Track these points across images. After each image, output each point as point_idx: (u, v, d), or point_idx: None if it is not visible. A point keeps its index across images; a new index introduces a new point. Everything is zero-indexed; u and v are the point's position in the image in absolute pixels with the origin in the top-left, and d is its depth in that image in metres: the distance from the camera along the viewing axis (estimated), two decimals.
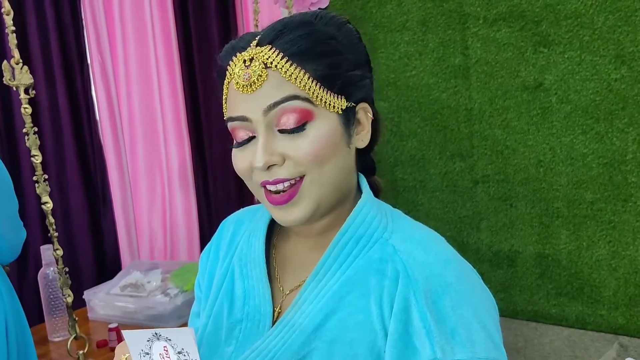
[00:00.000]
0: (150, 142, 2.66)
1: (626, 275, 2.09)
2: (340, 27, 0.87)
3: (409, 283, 0.80)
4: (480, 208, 2.34)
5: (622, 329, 2.12)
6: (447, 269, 0.82)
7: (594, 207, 2.11)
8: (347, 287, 0.85)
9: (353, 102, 0.87)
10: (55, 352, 1.97)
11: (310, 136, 0.81)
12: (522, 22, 2.15)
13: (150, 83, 2.63)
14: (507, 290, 2.33)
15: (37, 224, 2.30)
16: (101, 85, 2.47)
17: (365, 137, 0.91)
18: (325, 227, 0.90)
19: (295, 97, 0.81)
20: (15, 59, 1.78)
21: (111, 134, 2.50)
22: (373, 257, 0.86)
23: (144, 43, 2.60)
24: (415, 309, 0.79)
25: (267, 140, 0.82)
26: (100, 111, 2.49)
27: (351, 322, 0.83)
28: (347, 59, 0.85)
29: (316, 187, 0.83)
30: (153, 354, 0.75)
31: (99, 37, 2.45)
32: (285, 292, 0.92)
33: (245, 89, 0.81)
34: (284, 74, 0.80)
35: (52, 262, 1.96)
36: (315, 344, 0.83)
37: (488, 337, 0.79)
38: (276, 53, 0.81)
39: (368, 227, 0.88)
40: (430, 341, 0.76)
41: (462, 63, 2.29)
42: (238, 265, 0.97)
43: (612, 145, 2.05)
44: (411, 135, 2.45)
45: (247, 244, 0.97)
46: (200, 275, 1.07)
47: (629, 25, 1.97)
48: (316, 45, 0.82)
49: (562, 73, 2.10)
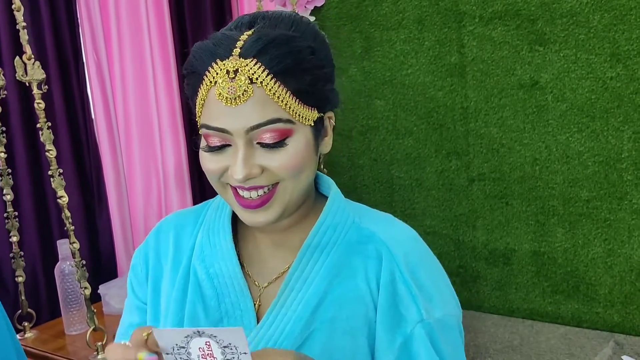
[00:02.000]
0: (146, 141, 2.66)
1: (622, 273, 2.09)
2: (316, 37, 0.89)
3: (392, 259, 0.91)
4: (476, 206, 2.35)
5: (617, 327, 2.12)
6: (417, 244, 0.96)
7: (589, 205, 2.12)
8: (333, 270, 0.92)
9: (323, 112, 0.90)
10: (71, 345, 1.99)
11: (289, 150, 0.84)
12: (517, 20, 2.15)
13: (145, 81, 2.63)
14: (502, 288, 2.34)
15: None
16: (96, 84, 2.46)
17: (328, 143, 0.94)
18: (289, 224, 0.95)
19: (278, 120, 0.82)
20: (27, 55, 1.78)
21: (107, 132, 2.50)
22: (351, 241, 0.94)
23: (139, 41, 2.59)
24: (400, 280, 0.90)
25: (247, 154, 0.83)
26: (95, 110, 2.49)
27: (344, 300, 0.91)
28: (324, 73, 0.88)
29: (288, 193, 0.87)
30: (191, 347, 0.73)
31: (95, 35, 2.45)
32: (262, 286, 0.95)
33: (229, 102, 0.81)
34: (268, 92, 0.81)
35: (69, 256, 1.98)
36: (314, 325, 0.90)
37: (453, 297, 0.95)
38: (262, 69, 0.81)
39: (342, 215, 0.95)
40: (416, 305, 0.88)
41: (458, 61, 2.29)
42: (202, 267, 0.97)
43: (607, 144, 2.05)
44: (407, 134, 2.45)
45: (209, 245, 0.98)
46: (138, 283, 1.05)
47: (624, 23, 1.97)
48: (300, 63, 0.83)
49: (557, 71, 2.11)
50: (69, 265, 2.01)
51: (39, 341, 2.04)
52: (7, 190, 2.04)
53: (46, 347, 1.99)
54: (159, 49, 2.63)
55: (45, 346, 2.00)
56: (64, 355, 1.93)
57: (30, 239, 2.32)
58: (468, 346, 2.10)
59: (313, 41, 0.87)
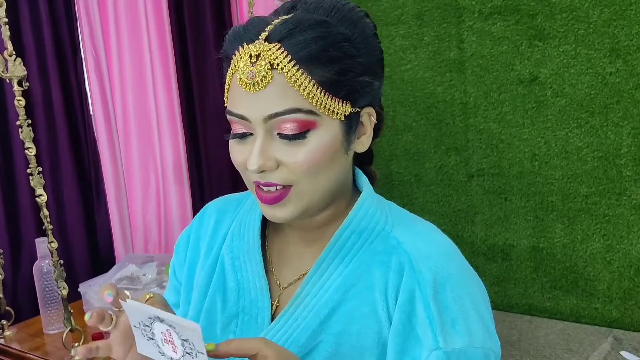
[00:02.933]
0: (145, 136, 2.65)
1: (620, 269, 2.09)
2: (356, 25, 0.83)
3: (413, 275, 0.81)
4: (475, 202, 2.35)
5: (616, 322, 2.12)
6: (449, 261, 0.84)
7: (588, 200, 2.12)
8: (351, 279, 0.85)
9: (358, 107, 0.83)
10: (50, 345, 1.96)
11: (310, 145, 0.79)
12: (517, 15, 2.14)
13: (144, 77, 2.62)
14: (501, 283, 2.34)
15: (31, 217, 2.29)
16: (95, 79, 2.45)
17: (365, 142, 0.86)
18: (321, 222, 0.88)
19: (298, 110, 0.77)
20: (8, 51, 1.76)
21: (105, 127, 2.49)
22: (376, 250, 0.86)
23: (138, 37, 2.58)
24: (419, 300, 0.80)
25: (265, 145, 0.79)
26: (94, 105, 2.48)
27: (357, 314, 0.83)
28: (358, 63, 0.81)
29: (306, 195, 0.81)
30: (154, 328, 0.71)
31: (93, 31, 2.44)
32: (282, 286, 0.91)
33: (248, 87, 0.78)
34: (289, 79, 0.76)
35: (47, 255, 1.95)
36: (321, 337, 0.84)
37: (484, 327, 0.82)
38: (284, 54, 0.76)
39: (370, 220, 0.87)
40: (433, 331, 0.78)
41: (458, 57, 2.29)
42: (229, 258, 0.94)
43: (606, 139, 2.05)
44: (406, 129, 2.45)
45: (239, 236, 0.95)
46: (178, 263, 1.03)
47: (624, 19, 1.97)
48: (327, 50, 0.78)
49: (557, 67, 2.10)
50: (47, 263, 1.99)
51: (17, 340, 2.01)
52: None
53: (23, 346, 1.96)
54: (157, 44, 2.62)
55: (23, 345, 1.96)
56: (40, 355, 1.89)
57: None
58: None
59: (351, 29, 0.81)
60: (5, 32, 1.74)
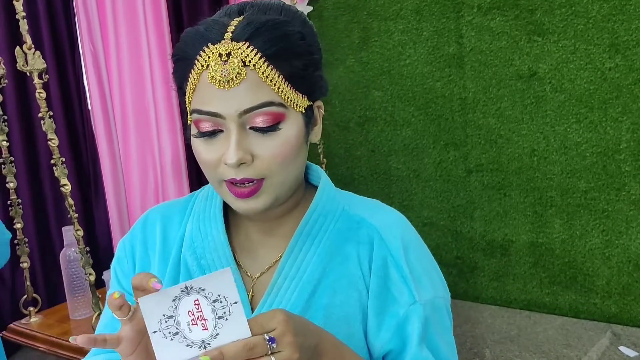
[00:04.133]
0: (143, 131, 2.65)
1: (619, 264, 2.09)
2: (305, 24, 0.88)
3: (383, 244, 0.92)
4: (473, 197, 2.34)
5: (615, 318, 2.12)
6: (407, 228, 0.97)
7: (587, 196, 2.12)
8: (325, 257, 0.92)
9: (313, 100, 0.89)
10: (76, 330, 2.01)
11: (282, 136, 0.84)
12: (516, 10, 2.14)
13: (142, 72, 2.61)
14: (500, 279, 2.34)
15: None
16: (93, 74, 2.45)
17: (318, 132, 0.93)
18: (280, 212, 0.94)
19: (270, 104, 0.82)
20: (27, 45, 1.77)
21: (103, 122, 2.48)
22: (342, 228, 0.94)
23: (136, 31, 2.58)
24: (392, 265, 0.91)
25: (240, 138, 0.82)
26: (92, 100, 2.47)
27: (338, 286, 0.91)
28: (314, 59, 0.88)
29: (278, 186, 0.87)
30: (179, 315, 0.70)
31: (91, 26, 2.43)
32: (254, 276, 0.95)
33: (222, 85, 0.81)
34: (261, 75, 0.81)
35: (73, 243, 2.00)
36: (309, 313, 0.90)
37: (440, 280, 0.96)
38: (254, 52, 0.81)
39: (332, 203, 0.96)
40: (408, 288, 0.90)
41: (457, 52, 2.29)
42: (193, 259, 0.96)
43: (605, 135, 2.05)
44: (405, 125, 2.44)
45: (199, 236, 0.97)
46: (123, 272, 1.03)
47: (623, 14, 1.96)
48: (291, 47, 0.83)
49: (556, 62, 2.10)
50: (73, 251, 2.04)
51: (45, 326, 2.07)
52: (10, 178, 2.05)
53: (51, 331, 2.02)
54: (155, 39, 2.61)
55: (51, 330, 2.02)
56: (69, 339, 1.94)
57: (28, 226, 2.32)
58: (465, 337, 2.10)
59: (302, 27, 0.87)
60: (24, 26, 1.75)
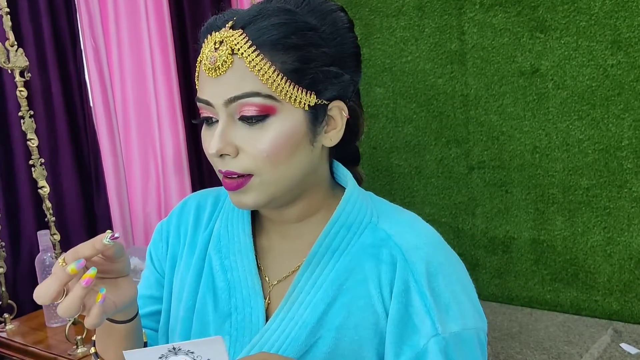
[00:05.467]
0: (145, 127, 2.64)
1: (621, 262, 2.09)
2: (325, 16, 0.83)
3: (406, 266, 0.83)
4: (475, 194, 2.34)
5: (616, 315, 2.12)
6: (437, 250, 0.87)
7: (589, 193, 2.11)
8: (344, 274, 0.85)
9: (325, 99, 0.82)
10: (52, 338, 1.96)
11: (270, 131, 0.79)
12: (518, 7, 2.13)
13: (144, 67, 2.61)
14: (502, 276, 2.34)
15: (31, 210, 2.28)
16: (94, 70, 2.44)
17: (335, 137, 0.85)
18: (299, 215, 0.89)
19: (256, 94, 0.78)
20: (10, 41, 1.76)
21: (105, 118, 2.48)
22: (365, 243, 0.86)
23: (137, 27, 2.57)
24: (414, 290, 0.82)
25: (226, 128, 0.80)
26: (93, 96, 2.47)
27: (353, 308, 0.84)
28: (323, 53, 0.81)
29: (270, 185, 0.82)
30: None
31: (92, 21, 2.43)
32: (272, 283, 0.91)
33: (210, 72, 0.80)
34: (248, 64, 0.78)
35: (49, 247, 1.95)
36: (320, 333, 0.84)
37: (474, 308, 0.86)
38: (245, 40, 0.78)
39: (357, 214, 0.88)
40: (430, 318, 0.81)
41: (459, 48, 2.28)
42: (217, 258, 0.94)
43: (607, 132, 2.05)
44: (407, 121, 2.44)
45: (226, 235, 0.95)
46: (157, 256, 1.02)
47: (625, 10, 1.96)
48: (289, 36, 0.79)
49: (558, 59, 2.10)
50: (49, 256, 1.99)
51: (20, 333, 2.01)
52: None
53: (26, 339, 1.96)
54: (157, 34, 2.61)
55: (26, 339, 1.97)
56: (43, 348, 1.89)
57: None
58: None
59: (319, 19, 0.82)
60: (7, 23, 1.73)
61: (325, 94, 0.82)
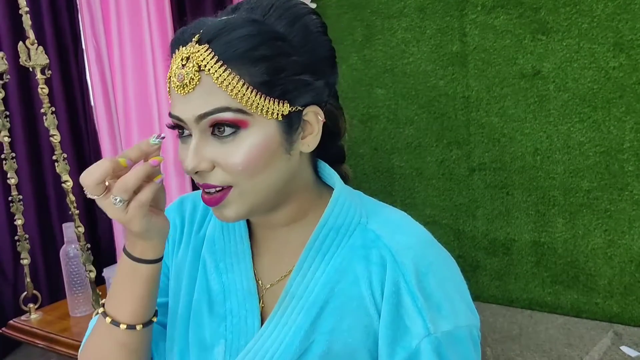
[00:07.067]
0: (146, 127, 2.64)
1: (621, 264, 2.09)
2: (294, 23, 0.81)
3: (396, 267, 0.83)
4: (476, 196, 2.34)
5: (617, 317, 2.12)
6: (427, 249, 0.86)
7: (590, 195, 2.11)
8: (335, 276, 0.85)
9: (299, 105, 0.81)
10: (76, 327, 2.01)
11: (243, 145, 0.78)
12: (520, 9, 2.13)
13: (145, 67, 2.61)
14: (502, 278, 2.33)
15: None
16: (96, 71, 2.44)
17: (312, 142, 0.84)
18: (286, 220, 0.89)
19: (226, 109, 0.77)
20: (30, 40, 1.77)
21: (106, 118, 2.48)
22: (355, 244, 0.86)
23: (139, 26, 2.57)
24: (405, 291, 0.82)
25: (199, 144, 0.79)
26: (95, 95, 2.47)
27: (346, 310, 0.84)
28: (293, 61, 0.79)
29: (249, 195, 0.81)
30: None
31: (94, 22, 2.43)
32: (265, 286, 0.91)
33: (179, 90, 0.78)
34: (216, 80, 0.76)
35: (74, 239, 1.99)
36: (314, 336, 0.84)
37: (467, 306, 0.85)
38: (211, 55, 0.76)
39: (346, 215, 0.88)
40: (422, 318, 0.81)
41: (460, 50, 2.28)
42: (212, 260, 0.94)
43: (609, 134, 2.04)
44: (408, 123, 2.44)
45: (222, 238, 0.94)
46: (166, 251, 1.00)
47: (628, 13, 1.96)
48: (257, 48, 0.77)
49: (560, 61, 2.09)
50: (73, 248, 2.03)
51: (44, 322, 2.07)
52: (11, 174, 2.04)
53: (51, 328, 2.01)
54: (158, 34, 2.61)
55: (51, 327, 2.02)
56: (68, 336, 1.94)
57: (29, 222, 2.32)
58: None
59: (288, 27, 0.80)
60: (27, 21, 1.75)
61: (299, 101, 0.81)
